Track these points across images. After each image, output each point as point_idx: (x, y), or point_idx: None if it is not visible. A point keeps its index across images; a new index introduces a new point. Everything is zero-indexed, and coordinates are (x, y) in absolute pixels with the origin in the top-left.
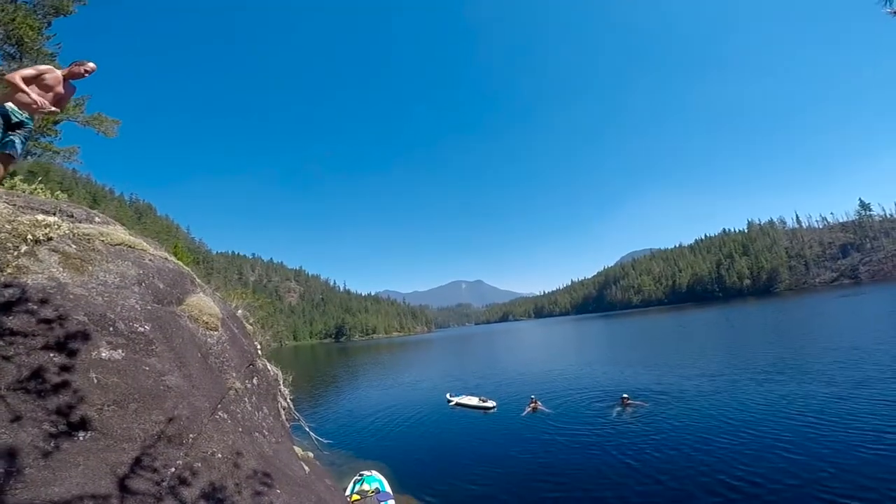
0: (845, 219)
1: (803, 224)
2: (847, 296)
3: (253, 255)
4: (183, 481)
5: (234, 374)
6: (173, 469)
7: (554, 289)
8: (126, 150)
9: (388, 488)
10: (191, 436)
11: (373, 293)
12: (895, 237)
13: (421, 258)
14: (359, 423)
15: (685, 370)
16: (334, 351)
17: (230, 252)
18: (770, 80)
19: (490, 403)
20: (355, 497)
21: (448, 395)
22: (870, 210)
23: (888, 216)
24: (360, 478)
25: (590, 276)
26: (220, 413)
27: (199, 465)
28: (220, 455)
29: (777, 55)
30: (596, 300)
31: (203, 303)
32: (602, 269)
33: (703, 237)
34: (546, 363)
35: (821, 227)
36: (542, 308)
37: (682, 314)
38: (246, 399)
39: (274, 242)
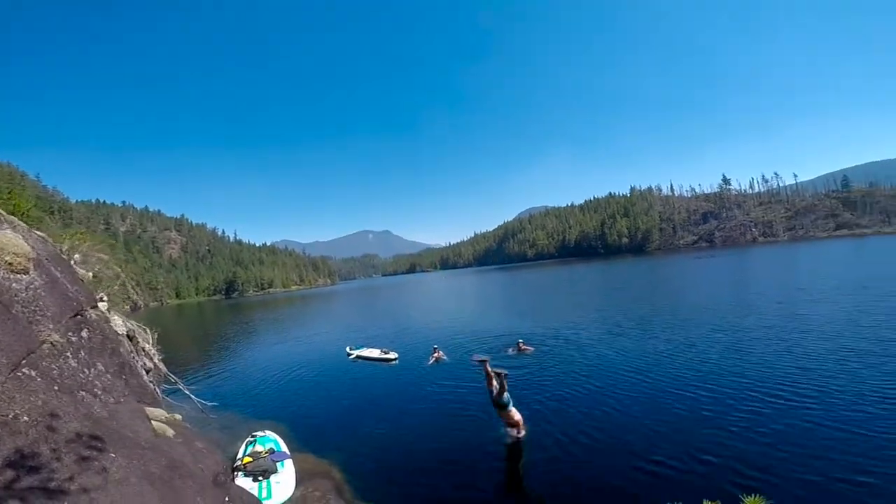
0: (709, 191)
1: (675, 193)
2: (702, 257)
3: (123, 203)
4: None
5: (50, 326)
6: None
7: (460, 240)
8: None
9: (284, 448)
10: None
11: (268, 244)
12: (745, 209)
13: (324, 207)
14: (252, 382)
15: (573, 318)
16: (225, 308)
17: (94, 200)
18: (667, 66)
19: (392, 355)
20: (247, 459)
21: (348, 349)
22: (729, 184)
23: (742, 191)
24: (252, 439)
25: (491, 230)
26: (24, 370)
27: None
28: (26, 418)
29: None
30: (496, 252)
31: (6, 240)
32: (503, 223)
33: (591, 198)
34: (448, 313)
35: (689, 196)
36: (447, 259)
37: (571, 267)
38: (69, 354)
39: (157, 189)
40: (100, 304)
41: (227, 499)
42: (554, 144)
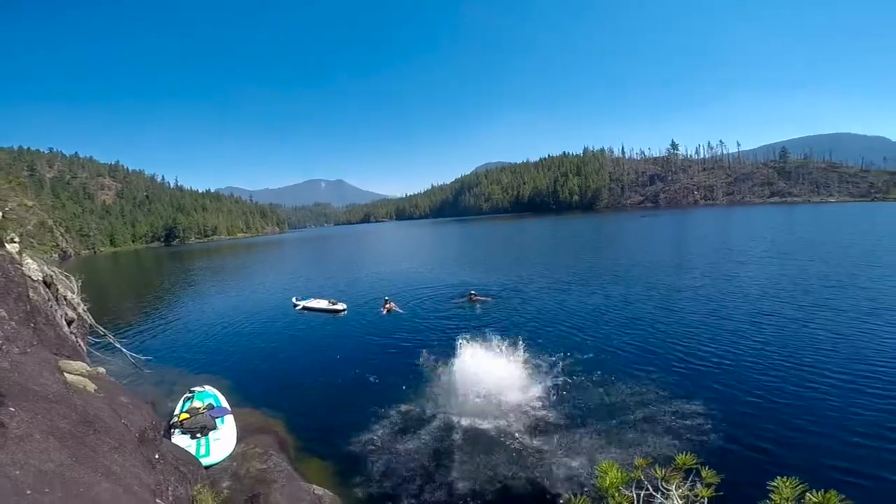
0: (658, 154)
1: (626, 155)
2: (646, 217)
3: (51, 149)
4: None
5: None
6: None
7: (416, 192)
8: None
9: (224, 403)
10: None
11: (213, 190)
12: (690, 173)
13: (274, 154)
14: (192, 335)
15: (523, 272)
16: (164, 256)
17: (15, 147)
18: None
19: (340, 306)
20: (184, 416)
21: (294, 300)
22: (677, 149)
23: (688, 156)
24: (190, 395)
25: (448, 182)
26: None
27: None
28: None
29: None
30: (452, 205)
31: None
32: (460, 175)
33: (546, 156)
34: (401, 263)
35: (638, 158)
36: (403, 210)
37: (524, 222)
38: None
39: (91, 138)
40: (8, 246)
41: (156, 456)
42: (515, 102)
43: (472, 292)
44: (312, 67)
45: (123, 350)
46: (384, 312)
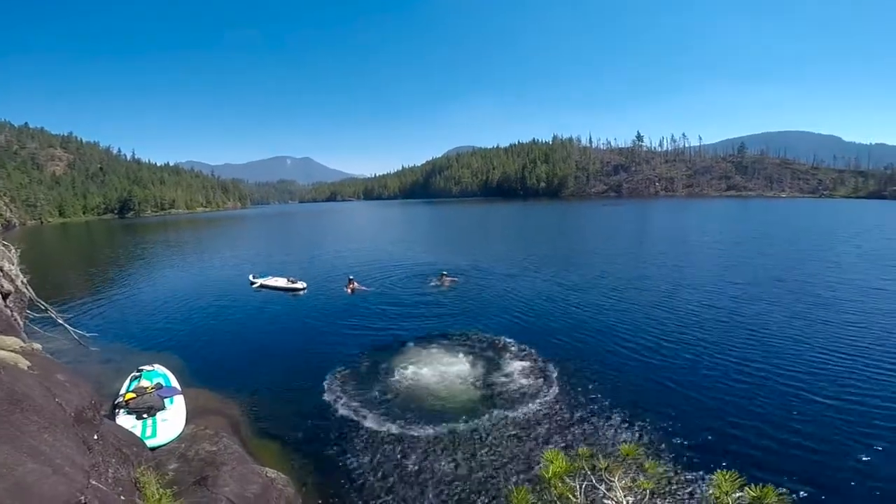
0: (623, 146)
1: (592, 145)
2: (608, 205)
3: None
4: None
5: None
6: None
7: (385, 173)
8: None
9: (174, 383)
10: None
11: (173, 164)
12: (653, 165)
13: (238, 128)
14: (143, 312)
15: (491, 254)
16: (117, 228)
17: None
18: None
19: (300, 285)
20: (129, 395)
21: (251, 277)
22: (642, 141)
23: (652, 148)
24: (138, 374)
25: (419, 164)
26: None
27: None
28: None
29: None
30: (422, 187)
31: None
32: (431, 158)
33: (516, 142)
34: (367, 243)
35: (604, 148)
36: (371, 190)
37: (493, 206)
38: None
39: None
40: None
41: (95, 436)
42: (488, 86)
43: (444, 273)
44: (282, 34)
45: (67, 326)
46: (349, 292)
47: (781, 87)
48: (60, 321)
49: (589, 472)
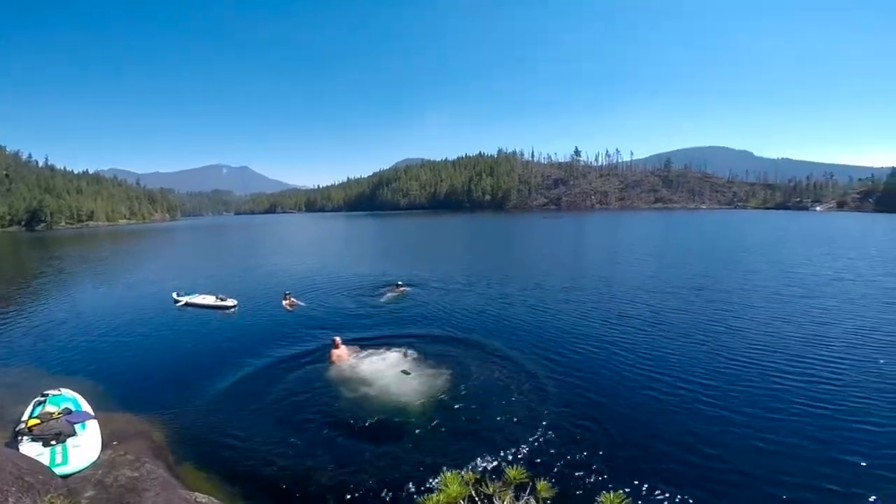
0: (563, 160)
1: (534, 158)
2: (548, 218)
3: None
4: None
5: None
6: None
7: (330, 184)
8: None
9: (86, 407)
10: None
11: (93, 172)
12: (589, 179)
13: (169, 133)
14: (52, 333)
15: (443, 263)
16: (23, 242)
17: None
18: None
19: (230, 302)
20: (33, 422)
21: (175, 294)
22: (580, 156)
23: (589, 163)
24: (42, 399)
25: (366, 176)
26: None
27: None
28: None
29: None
30: (369, 199)
31: None
32: (378, 170)
33: (463, 155)
34: (306, 257)
35: (545, 163)
36: (314, 202)
37: (440, 219)
38: None
39: None
40: None
41: None
42: (438, 98)
43: (399, 283)
44: (219, 25)
45: None
46: (288, 308)
47: (704, 105)
48: None
49: (477, 499)
